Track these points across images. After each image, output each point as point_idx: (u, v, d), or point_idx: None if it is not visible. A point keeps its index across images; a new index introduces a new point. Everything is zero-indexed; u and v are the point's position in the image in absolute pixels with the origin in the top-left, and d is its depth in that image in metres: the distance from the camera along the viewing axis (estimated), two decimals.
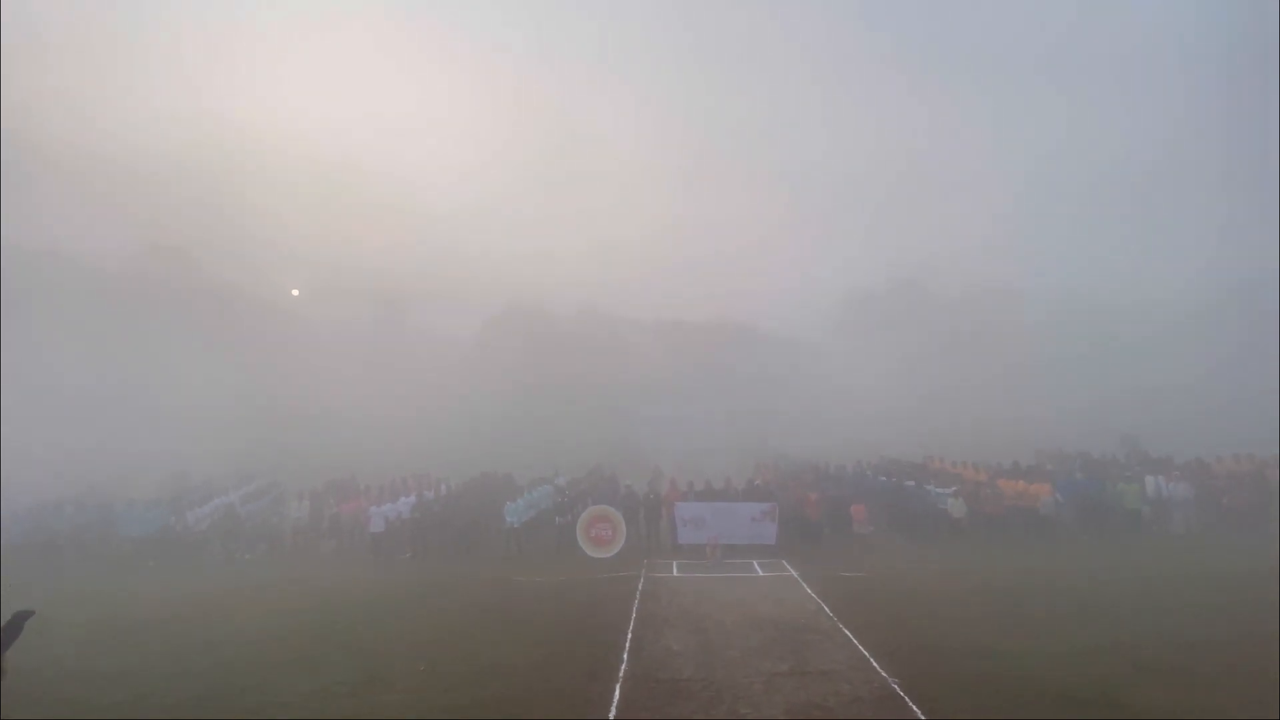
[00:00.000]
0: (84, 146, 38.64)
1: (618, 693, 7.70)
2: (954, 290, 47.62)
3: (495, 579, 13.83)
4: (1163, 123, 44.83)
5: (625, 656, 8.94)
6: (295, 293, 44.08)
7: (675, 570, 14.37)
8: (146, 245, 39.93)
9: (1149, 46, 47.40)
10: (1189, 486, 17.77)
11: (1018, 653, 8.72)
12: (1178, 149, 43.78)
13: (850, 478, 21.06)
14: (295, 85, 48.59)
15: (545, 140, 50.95)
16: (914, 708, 7.10)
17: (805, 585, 12.72)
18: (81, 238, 37.31)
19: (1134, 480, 18.00)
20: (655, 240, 49.17)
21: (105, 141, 39.06)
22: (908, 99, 54.53)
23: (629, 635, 9.87)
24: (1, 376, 28.26)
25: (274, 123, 45.26)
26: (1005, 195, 48.09)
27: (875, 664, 8.42)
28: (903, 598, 11.69)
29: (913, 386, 40.16)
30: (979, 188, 48.39)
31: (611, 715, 7.12)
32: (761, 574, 13.97)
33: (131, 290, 36.97)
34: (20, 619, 6.63)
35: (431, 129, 49.34)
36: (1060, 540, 16.56)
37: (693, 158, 54.38)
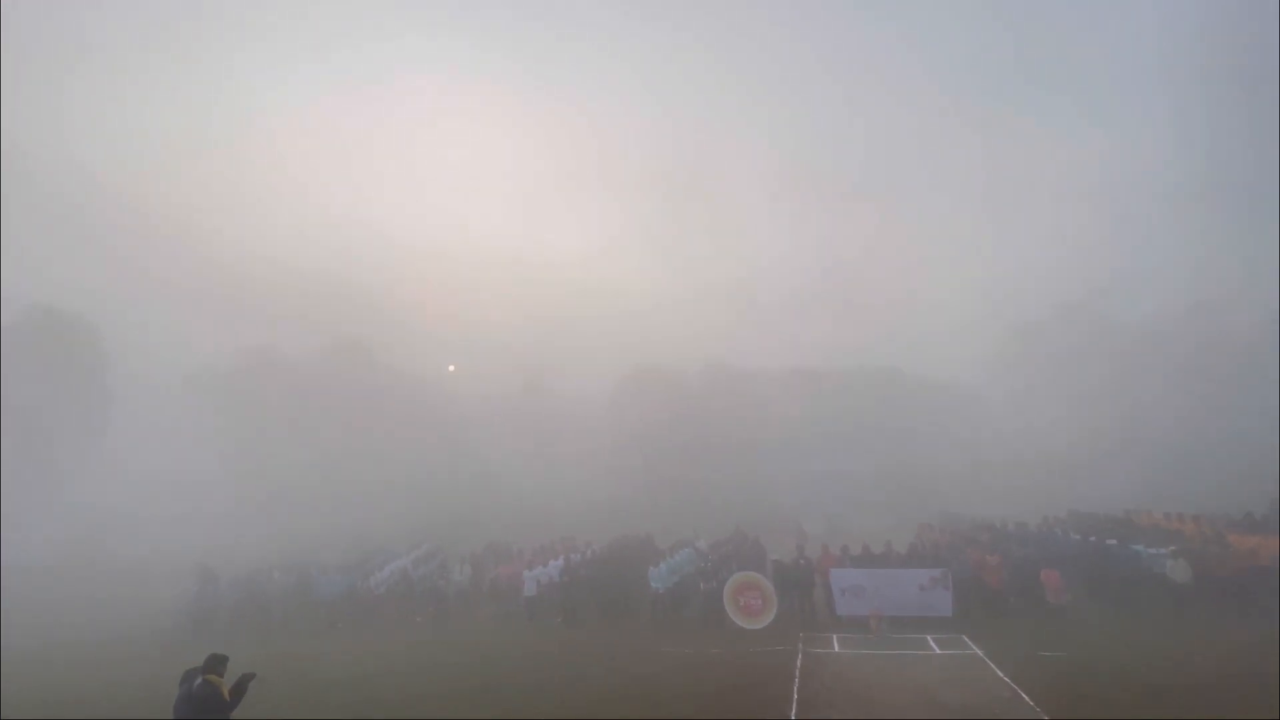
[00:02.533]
0: (276, 258, 46.35)
1: None
2: (1140, 312, 41.22)
3: (645, 650, 13.58)
4: None
5: None
6: (451, 368, 48.66)
7: (836, 645, 13.22)
8: (332, 340, 46.32)
9: None
10: None
11: None
12: None
13: (1036, 537, 18.47)
14: (441, 185, 55.40)
15: (665, 189, 52.80)
16: None
17: (994, 666, 11.12)
18: (280, 336, 44.35)
19: None
20: (781, 285, 48.49)
21: (292, 251, 46.67)
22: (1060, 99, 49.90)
23: (792, 718, 9.13)
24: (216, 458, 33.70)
25: (426, 219, 51.65)
26: (1196, 195, 41.46)
27: None
28: (1120, 684, 9.81)
29: (1096, 427, 35.03)
30: (1163, 189, 42.39)
31: None
32: (939, 652, 12.44)
33: (324, 377, 42.79)
34: (245, 680, 7.53)
35: (558, 210, 53.47)
36: None
37: (818, 190, 53.51)
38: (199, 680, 7.25)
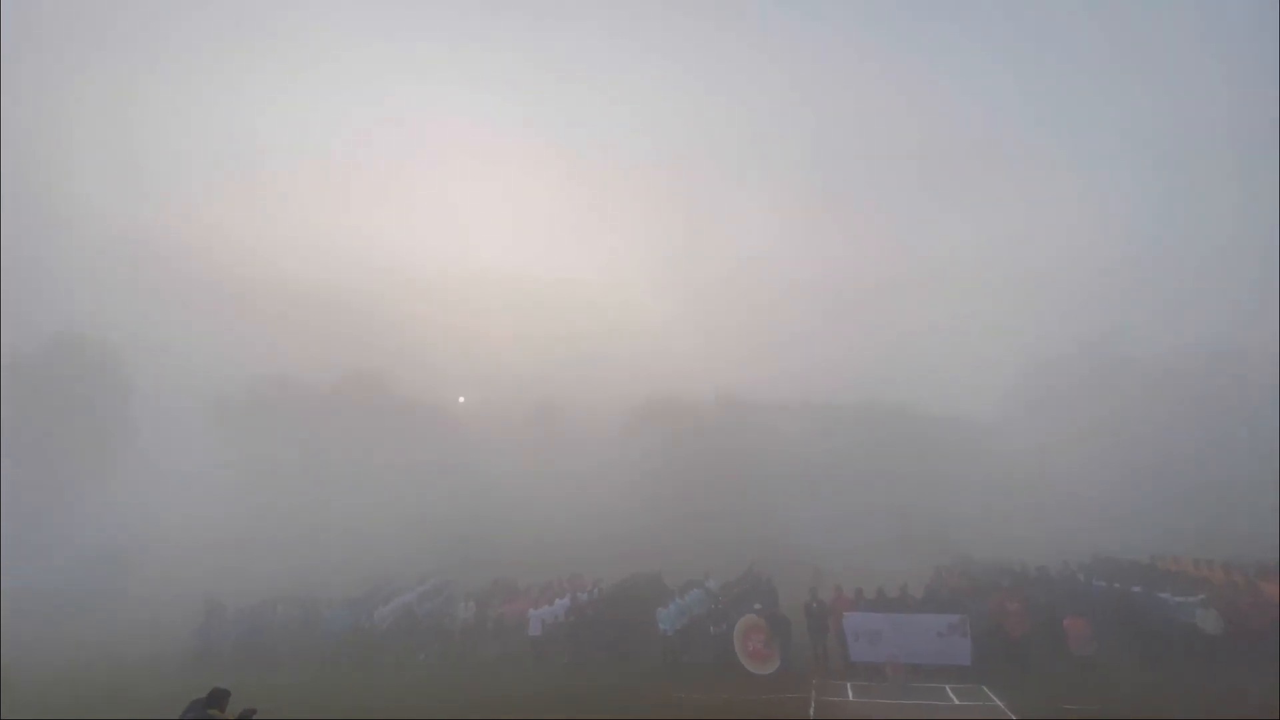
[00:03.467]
0: (290, 287, 47.24)
1: None
2: (1164, 348, 40.32)
3: (654, 696, 13.18)
4: None
5: None
6: (461, 400, 48.84)
7: (850, 694, 12.76)
8: (345, 371, 46.76)
9: None
10: None
11: None
12: None
13: (1058, 583, 17.88)
14: (455, 216, 56.54)
15: (679, 220, 53.24)
16: None
17: None
18: (294, 366, 44.89)
19: None
20: (796, 317, 48.42)
21: (306, 281, 47.55)
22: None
23: None
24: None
25: (439, 250, 52.56)
26: (1224, 230, 41.02)
27: None
28: None
29: (1119, 467, 34.14)
30: (1190, 222, 42.03)
31: None
32: (958, 703, 11.95)
33: (333, 411, 43.08)
34: (248, 714, 7.48)
35: (572, 242, 54.20)
36: None
37: (834, 221, 53.73)
38: (206, 711, 7.31)
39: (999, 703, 11.70)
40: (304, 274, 48.11)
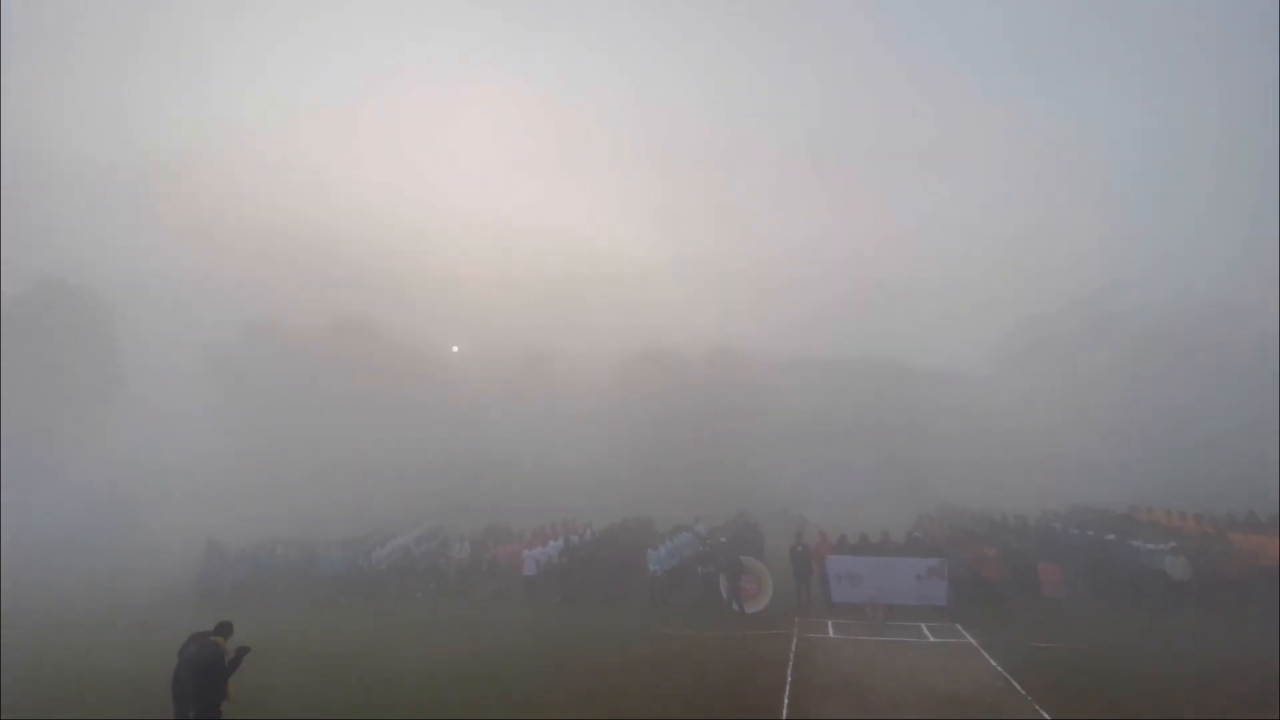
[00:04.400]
0: (282, 234, 46.38)
1: None
2: (1151, 307, 40.71)
3: (642, 631, 13.72)
4: None
5: None
6: (455, 349, 48.77)
7: (831, 631, 13.32)
8: (338, 318, 46.43)
9: None
10: None
11: None
12: None
13: (1035, 531, 18.49)
14: (449, 164, 55.21)
15: (676, 172, 52.52)
16: None
17: (988, 656, 11.19)
18: (289, 311, 44.51)
19: None
20: (789, 271, 48.23)
21: (299, 228, 46.68)
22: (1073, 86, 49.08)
23: (785, 703, 9.24)
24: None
25: (433, 198, 51.56)
26: (1210, 193, 40.95)
27: None
28: (1115, 677, 9.86)
29: (1102, 422, 34.85)
30: (1172, 182, 41.80)
31: None
32: (932, 640, 12.52)
33: (328, 355, 42.99)
34: (241, 653, 7.72)
35: (568, 192, 53.14)
36: None
37: (827, 177, 53.01)
38: (208, 639, 7.56)
39: (971, 640, 12.27)
40: (295, 220, 47.16)
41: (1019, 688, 9.54)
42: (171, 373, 38.32)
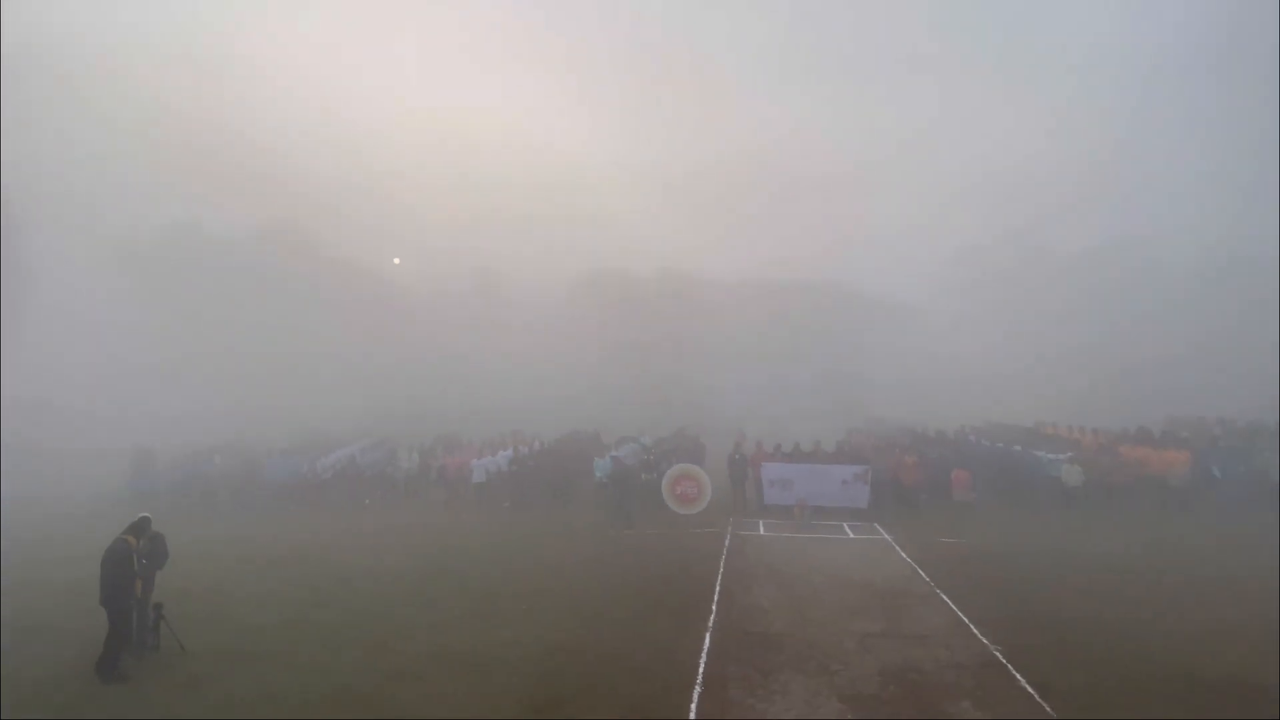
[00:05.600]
0: (200, 127, 42.19)
1: (708, 641, 7.94)
2: (1074, 243, 43.05)
3: (588, 531, 14.47)
4: None
5: (714, 608, 9.17)
6: (397, 261, 46.80)
7: (762, 529, 14.41)
8: (269, 220, 43.46)
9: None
10: None
11: (1138, 629, 8.17)
12: None
13: (951, 442, 20.07)
14: (389, 62, 50.69)
15: (619, 95, 50.37)
16: (1019, 677, 6.85)
17: (900, 550, 12.41)
18: (213, 213, 41.29)
19: None
20: (741, 195, 47.77)
21: (230, 119, 42.55)
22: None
23: (717, 588, 10.08)
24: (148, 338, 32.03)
25: (371, 98, 47.60)
26: (1134, 133, 42.31)
27: (976, 631, 8.16)
28: (1007, 567, 11.16)
29: (1025, 349, 37.28)
30: (1106, 125, 42.92)
31: (702, 662, 7.36)
32: (853, 537, 13.75)
33: (258, 261, 40.59)
34: (157, 547, 7.97)
35: (515, 106, 49.93)
36: (1195, 514, 15.02)
37: (777, 104, 51.71)
38: (119, 538, 7.66)
39: (887, 537, 13.54)
40: (218, 114, 42.68)
41: (924, 575, 10.69)
42: (82, 275, 35.45)
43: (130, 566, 7.62)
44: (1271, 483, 15.38)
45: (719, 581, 10.46)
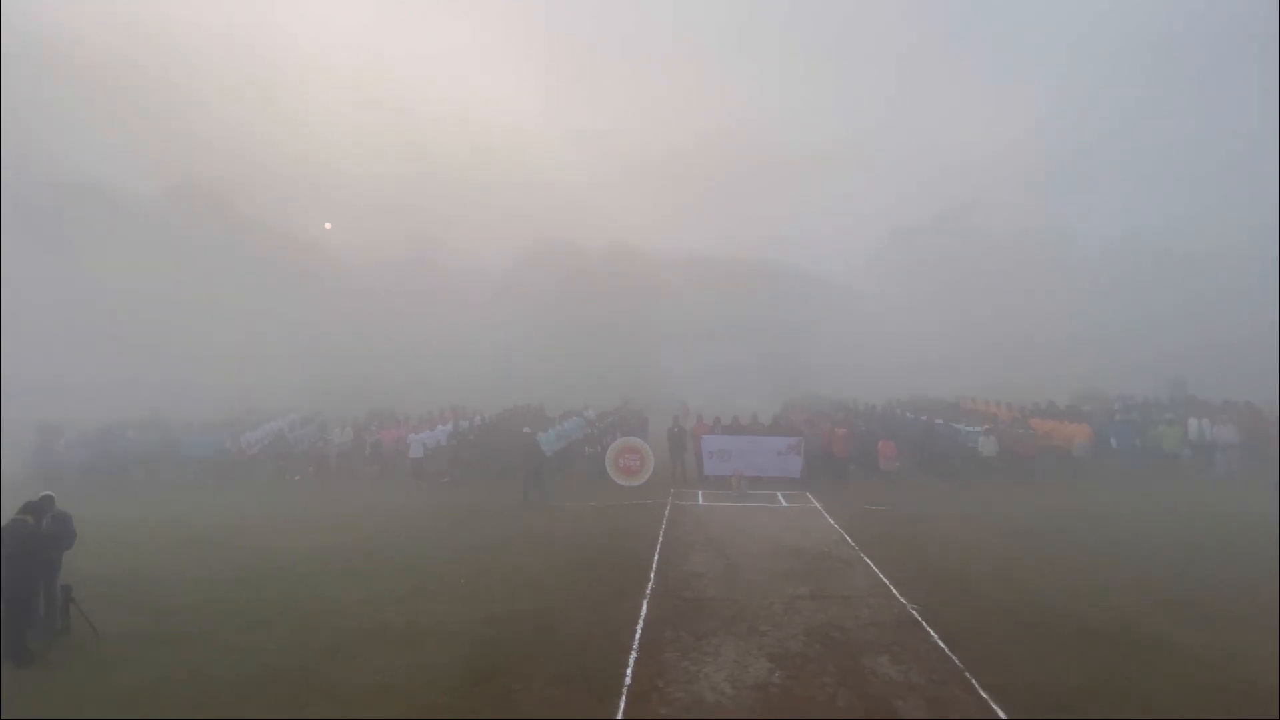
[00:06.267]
0: (121, 72, 38.54)
1: (645, 608, 8.13)
2: (1002, 229, 45.36)
3: (529, 504, 14.44)
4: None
5: (652, 576, 9.38)
6: (328, 226, 44.49)
7: (701, 500, 14.78)
8: (183, 179, 40.33)
9: None
10: (1234, 430, 17.23)
11: (1039, 586, 8.87)
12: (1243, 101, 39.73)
13: (879, 416, 21.03)
14: (329, 19, 47.36)
15: (571, 65, 49.14)
16: (931, 633, 7.35)
17: (828, 517, 12.99)
18: (120, 171, 37.86)
19: (1175, 423, 17.58)
20: (690, 170, 47.66)
21: (141, 68, 38.96)
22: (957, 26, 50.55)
23: (655, 557, 10.30)
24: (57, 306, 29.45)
25: (305, 55, 44.53)
26: (1061, 130, 44.85)
27: (895, 591, 8.67)
28: (926, 532, 11.87)
29: (952, 328, 39.24)
30: (1036, 123, 44.96)
31: (639, 629, 7.54)
32: (785, 505, 14.29)
33: (171, 224, 37.73)
34: (62, 526, 7.52)
35: (459, 64, 47.78)
36: (1094, 482, 16.37)
37: (723, 81, 51.68)
38: (15, 518, 7.27)
39: (817, 504, 14.14)
40: (128, 65, 38.79)
41: (850, 540, 11.25)
42: None
43: (28, 547, 7.13)
44: (1162, 453, 17.02)
45: (658, 551, 10.68)
